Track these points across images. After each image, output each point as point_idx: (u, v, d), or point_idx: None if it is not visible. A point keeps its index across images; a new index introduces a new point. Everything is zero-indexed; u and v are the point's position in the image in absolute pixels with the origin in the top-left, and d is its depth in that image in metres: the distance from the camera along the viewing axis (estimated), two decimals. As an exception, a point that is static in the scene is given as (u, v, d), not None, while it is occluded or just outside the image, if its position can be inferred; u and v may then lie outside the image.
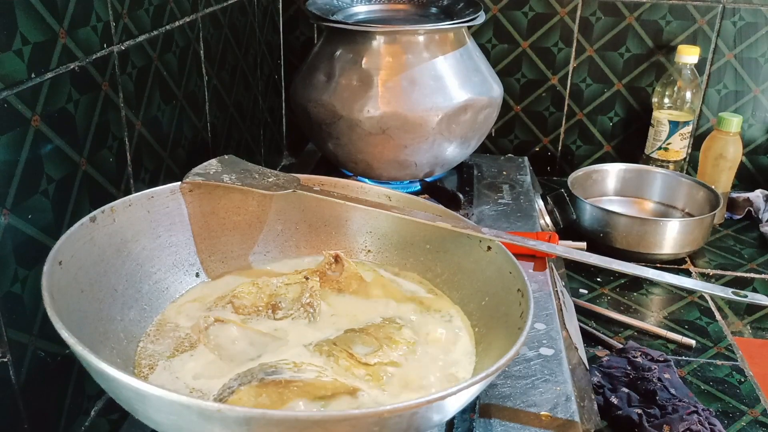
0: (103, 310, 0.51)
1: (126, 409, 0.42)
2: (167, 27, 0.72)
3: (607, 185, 1.17)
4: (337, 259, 0.61)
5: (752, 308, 0.96)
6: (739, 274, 1.03)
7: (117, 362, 0.50)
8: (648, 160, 1.19)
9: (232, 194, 0.62)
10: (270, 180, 0.63)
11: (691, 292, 0.97)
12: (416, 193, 0.88)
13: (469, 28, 0.88)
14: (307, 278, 0.58)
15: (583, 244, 0.81)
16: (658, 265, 1.03)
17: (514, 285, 0.52)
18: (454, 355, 0.54)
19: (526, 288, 0.51)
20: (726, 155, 1.12)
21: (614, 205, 1.13)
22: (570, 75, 1.24)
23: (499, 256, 0.56)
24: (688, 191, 1.13)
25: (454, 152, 0.89)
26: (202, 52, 0.82)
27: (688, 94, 1.16)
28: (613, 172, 1.17)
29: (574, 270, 1.01)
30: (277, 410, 0.44)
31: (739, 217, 1.19)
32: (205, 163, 0.63)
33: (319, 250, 0.65)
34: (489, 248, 0.57)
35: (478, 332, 0.55)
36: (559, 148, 1.28)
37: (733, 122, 1.11)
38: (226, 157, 0.65)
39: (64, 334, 0.40)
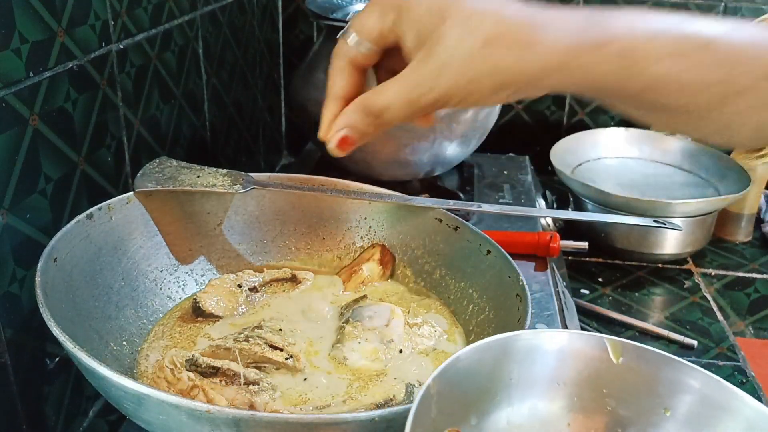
0: (98, 309, 0.51)
1: (118, 409, 0.42)
2: (166, 26, 0.72)
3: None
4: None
5: (754, 308, 0.96)
6: (740, 274, 1.02)
7: (115, 362, 0.49)
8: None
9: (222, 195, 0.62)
10: (224, 179, 0.60)
11: (693, 292, 0.97)
12: (414, 192, 0.88)
13: (469, 26, 0.87)
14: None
15: (585, 244, 0.81)
16: (660, 265, 1.03)
17: (512, 290, 0.52)
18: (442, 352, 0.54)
19: (525, 293, 0.50)
20: (755, 170, 1.04)
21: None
22: (571, 74, 1.23)
23: (498, 260, 0.55)
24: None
25: (454, 151, 0.88)
26: (201, 50, 0.82)
27: (690, 93, 1.15)
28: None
29: (575, 270, 1.01)
30: (266, 413, 0.44)
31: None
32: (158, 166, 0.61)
33: (317, 251, 0.65)
34: (488, 252, 0.57)
35: (474, 336, 0.55)
36: (560, 148, 1.27)
37: None
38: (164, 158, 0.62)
39: (56, 331, 0.40)
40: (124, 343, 0.52)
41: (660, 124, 0.44)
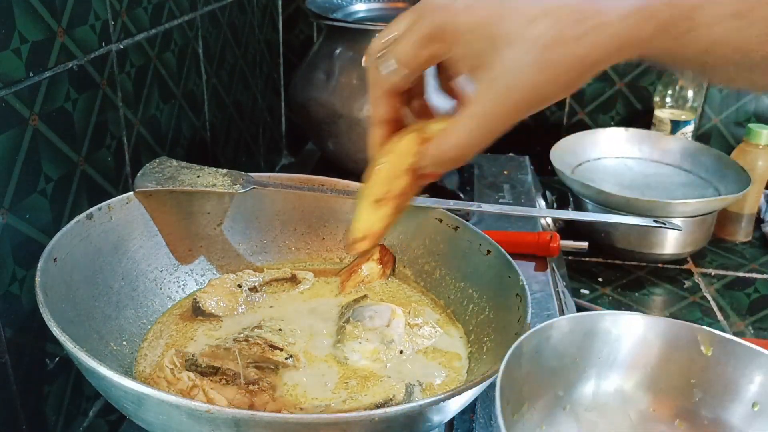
0: (98, 309, 0.51)
1: (118, 409, 0.42)
2: (166, 26, 0.72)
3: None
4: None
5: (754, 308, 0.96)
6: (740, 274, 1.02)
7: (115, 362, 0.49)
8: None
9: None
10: (224, 179, 0.60)
11: (693, 292, 0.97)
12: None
13: (469, 26, 0.87)
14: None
15: (585, 244, 0.81)
16: (660, 265, 1.03)
17: (512, 289, 0.52)
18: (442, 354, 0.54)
19: (525, 293, 0.50)
20: (755, 170, 1.04)
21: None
22: (571, 74, 1.23)
23: (498, 261, 0.56)
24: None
25: (454, 151, 0.88)
26: (201, 50, 0.82)
27: (690, 93, 1.15)
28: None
29: (575, 270, 1.01)
30: (266, 412, 0.44)
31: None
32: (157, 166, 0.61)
33: (317, 251, 0.65)
34: (488, 252, 0.57)
35: (474, 336, 0.55)
36: (560, 148, 1.27)
37: (763, 134, 1.05)
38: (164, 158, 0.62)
39: (56, 331, 0.40)
40: (124, 342, 0.52)
41: (710, 78, 0.41)
